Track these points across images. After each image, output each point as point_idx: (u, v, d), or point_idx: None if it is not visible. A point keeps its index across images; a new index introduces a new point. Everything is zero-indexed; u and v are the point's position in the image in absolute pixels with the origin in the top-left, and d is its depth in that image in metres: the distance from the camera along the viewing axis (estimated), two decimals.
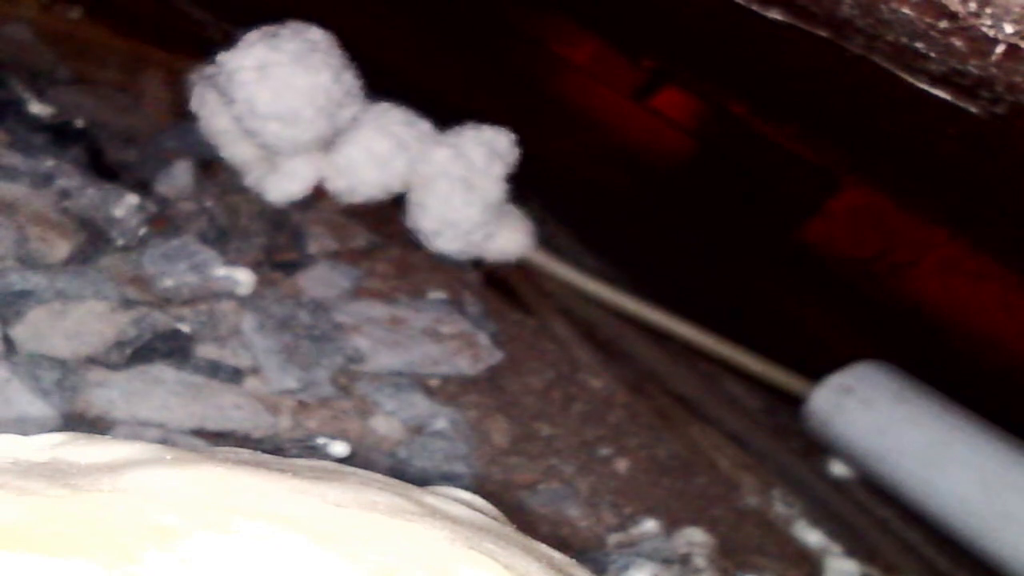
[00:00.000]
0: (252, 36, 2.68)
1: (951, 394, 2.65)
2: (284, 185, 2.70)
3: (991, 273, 3.25)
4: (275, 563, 0.85)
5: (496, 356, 2.53)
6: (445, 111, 2.92)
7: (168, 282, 2.21)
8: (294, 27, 2.72)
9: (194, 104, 2.73)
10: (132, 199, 2.34)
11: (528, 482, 2.22)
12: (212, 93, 2.70)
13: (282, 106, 2.60)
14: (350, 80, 2.72)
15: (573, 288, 3.03)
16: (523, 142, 2.84)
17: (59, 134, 2.54)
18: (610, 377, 2.69)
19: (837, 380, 2.72)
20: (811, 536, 2.42)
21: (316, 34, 2.71)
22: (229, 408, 1.99)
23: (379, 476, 1.12)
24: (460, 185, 2.75)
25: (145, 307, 2.10)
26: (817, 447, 2.79)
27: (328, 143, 2.75)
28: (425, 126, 2.86)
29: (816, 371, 2.82)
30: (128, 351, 1.98)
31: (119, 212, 2.30)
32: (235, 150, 2.73)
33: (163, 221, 2.42)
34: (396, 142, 2.78)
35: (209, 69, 2.69)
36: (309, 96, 2.62)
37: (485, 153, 2.81)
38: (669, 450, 2.52)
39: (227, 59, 2.63)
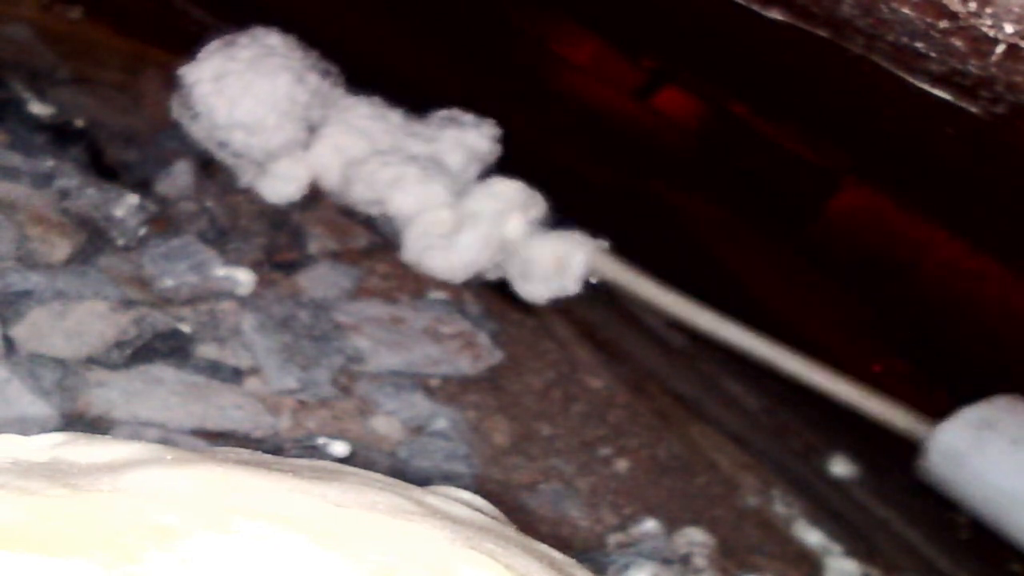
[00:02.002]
0: (212, 46, 2.68)
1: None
2: (278, 187, 2.70)
3: (991, 273, 3.25)
4: (275, 563, 0.85)
5: (496, 356, 2.53)
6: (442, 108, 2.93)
7: (168, 282, 2.21)
8: (254, 33, 2.72)
9: (175, 114, 2.74)
10: (132, 199, 2.34)
11: (528, 482, 2.22)
12: (184, 104, 2.71)
13: (242, 115, 2.60)
14: (316, 80, 2.72)
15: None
16: (524, 142, 2.83)
17: (59, 134, 2.54)
18: (610, 377, 2.69)
19: (974, 414, 2.24)
20: (811, 536, 2.42)
21: (275, 39, 2.71)
22: (229, 408, 1.99)
23: (379, 476, 1.12)
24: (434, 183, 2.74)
25: (145, 307, 2.10)
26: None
27: (308, 143, 2.75)
28: (396, 118, 2.85)
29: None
30: (128, 351, 1.98)
31: (119, 212, 2.30)
32: (222, 154, 2.74)
33: (163, 221, 2.42)
34: (364, 137, 2.78)
35: (177, 80, 2.70)
36: (269, 103, 2.61)
37: (459, 147, 2.81)
38: (669, 450, 2.52)
39: (186, 72, 2.64)
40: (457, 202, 2.78)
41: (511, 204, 2.79)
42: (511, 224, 2.75)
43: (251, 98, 2.60)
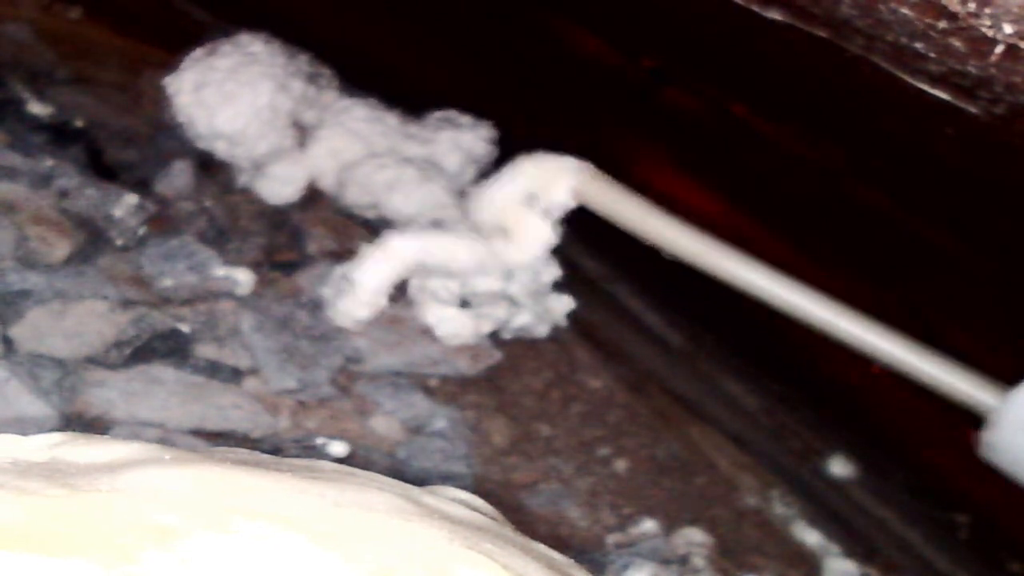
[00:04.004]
0: (195, 55, 2.69)
1: None
2: (276, 188, 2.71)
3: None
4: (274, 563, 0.85)
5: (495, 356, 2.53)
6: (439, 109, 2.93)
7: (167, 282, 2.22)
8: (238, 40, 2.72)
9: (167, 118, 2.75)
10: (131, 199, 2.34)
11: (527, 482, 2.22)
12: (169, 114, 2.71)
13: (222, 126, 2.60)
14: (301, 87, 2.72)
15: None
16: (522, 143, 2.83)
17: (59, 134, 2.55)
18: (610, 377, 2.69)
19: None
20: (810, 536, 2.42)
21: (258, 46, 2.71)
22: (228, 408, 1.99)
23: (378, 476, 1.13)
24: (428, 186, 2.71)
25: (144, 307, 2.10)
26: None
27: (304, 145, 2.76)
28: (393, 120, 2.85)
29: None
30: (127, 351, 1.98)
31: (118, 212, 2.30)
32: (217, 158, 2.74)
33: (162, 221, 2.42)
34: (359, 139, 2.78)
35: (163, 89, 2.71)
36: (250, 113, 2.61)
37: (456, 149, 2.80)
38: (668, 450, 2.52)
39: (169, 82, 2.64)
40: (461, 202, 2.78)
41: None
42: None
43: (230, 109, 2.60)
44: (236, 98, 2.61)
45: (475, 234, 2.59)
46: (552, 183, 2.37)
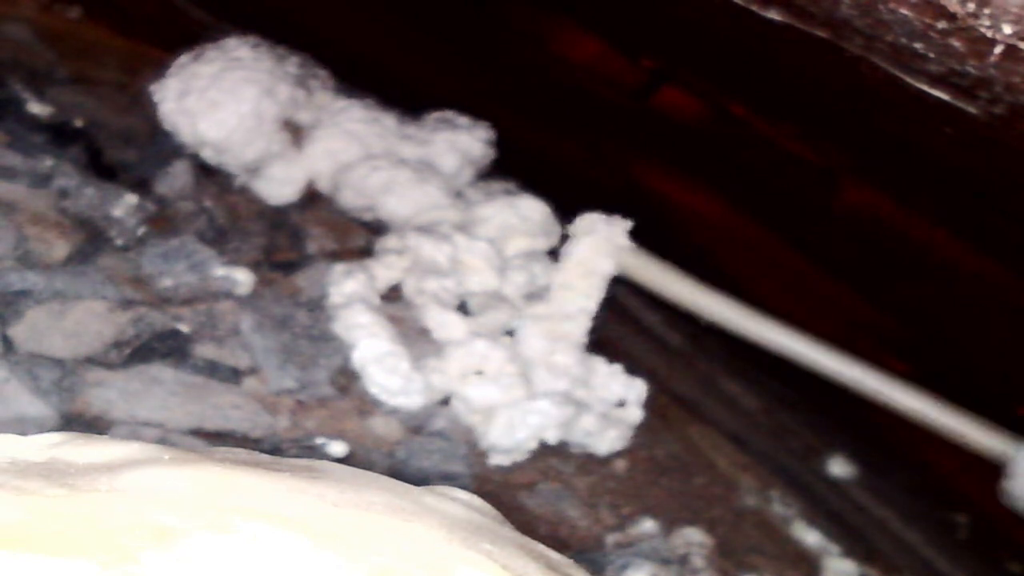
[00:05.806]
0: (181, 60, 2.68)
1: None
2: (275, 188, 2.70)
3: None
4: (274, 563, 0.85)
5: None
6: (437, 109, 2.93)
7: (167, 282, 2.21)
8: (224, 45, 2.71)
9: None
10: (131, 199, 2.34)
11: (527, 482, 2.22)
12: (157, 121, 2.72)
13: (207, 133, 2.59)
14: (288, 90, 2.71)
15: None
16: (520, 143, 2.83)
17: (58, 134, 2.54)
18: None
19: None
20: (809, 536, 2.42)
21: (244, 50, 2.70)
22: (228, 408, 1.99)
23: (377, 476, 1.13)
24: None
25: (144, 307, 2.10)
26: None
27: (299, 146, 2.76)
28: (390, 121, 2.85)
29: None
30: (127, 351, 1.98)
31: (118, 212, 2.30)
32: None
33: (162, 221, 2.42)
34: (355, 141, 2.77)
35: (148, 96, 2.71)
36: (234, 120, 2.60)
37: (453, 150, 2.81)
38: (667, 450, 2.52)
39: (154, 90, 2.64)
40: (457, 203, 2.77)
41: (523, 225, 2.71)
42: (514, 244, 2.68)
43: (213, 116, 2.59)
44: (219, 105, 2.59)
45: (467, 235, 2.60)
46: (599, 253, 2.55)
